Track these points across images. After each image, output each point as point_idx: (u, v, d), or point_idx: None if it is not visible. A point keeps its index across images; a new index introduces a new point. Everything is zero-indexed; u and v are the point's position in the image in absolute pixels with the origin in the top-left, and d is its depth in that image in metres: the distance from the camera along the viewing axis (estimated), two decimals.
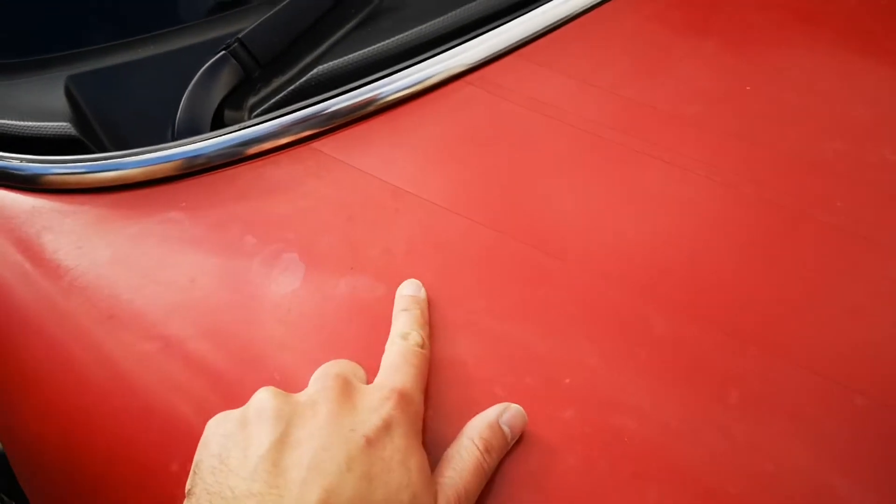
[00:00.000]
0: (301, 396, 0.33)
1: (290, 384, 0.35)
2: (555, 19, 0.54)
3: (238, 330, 0.40)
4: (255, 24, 0.53)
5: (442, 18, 0.54)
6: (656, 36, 0.52)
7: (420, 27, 0.53)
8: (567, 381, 0.37)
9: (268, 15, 0.54)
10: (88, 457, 0.38)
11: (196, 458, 0.32)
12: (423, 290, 0.41)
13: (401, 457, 0.31)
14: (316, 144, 0.49)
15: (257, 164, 0.48)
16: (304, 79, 0.52)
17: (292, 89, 0.52)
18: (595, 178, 0.46)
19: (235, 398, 0.37)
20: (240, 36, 0.52)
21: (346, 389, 0.33)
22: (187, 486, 0.31)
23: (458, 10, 0.55)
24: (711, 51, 0.51)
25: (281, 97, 0.52)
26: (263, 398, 0.32)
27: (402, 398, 0.33)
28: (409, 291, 0.40)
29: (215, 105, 0.51)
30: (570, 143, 0.47)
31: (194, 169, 0.47)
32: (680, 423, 0.36)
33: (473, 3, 0.55)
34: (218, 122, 0.52)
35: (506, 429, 0.35)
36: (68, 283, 0.42)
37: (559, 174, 0.46)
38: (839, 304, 0.39)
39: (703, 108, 0.48)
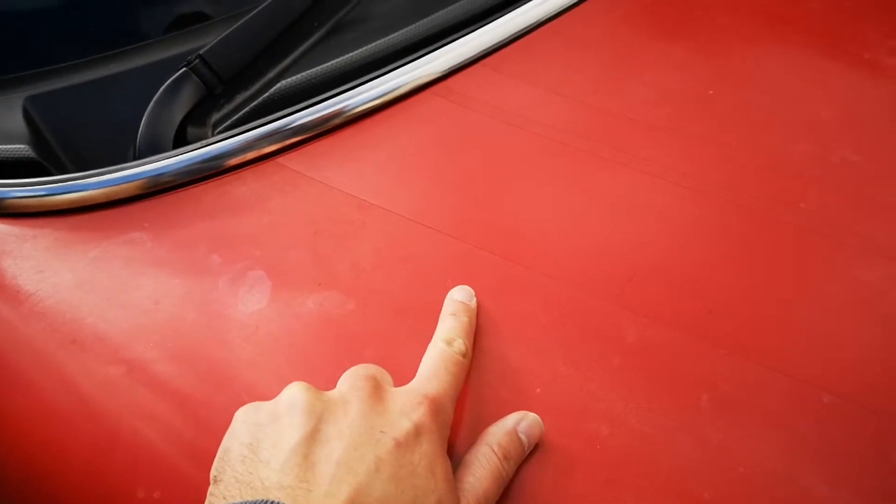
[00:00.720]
0: (332, 394, 0.33)
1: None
2: (520, 28, 0.54)
3: (204, 351, 0.39)
4: (217, 39, 0.53)
5: (406, 30, 0.54)
6: (622, 42, 0.53)
7: (383, 39, 0.53)
8: (538, 390, 0.37)
9: (230, 30, 0.53)
10: (51, 485, 0.37)
11: (224, 444, 0.31)
12: (474, 298, 0.40)
13: (428, 462, 0.31)
14: (281, 159, 0.48)
15: (221, 182, 0.47)
16: (267, 93, 0.52)
17: (256, 104, 0.52)
18: (563, 186, 0.45)
19: (202, 421, 0.37)
20: (201, 52, 0.51)
21: (377, 391, 0.33)
22: (213, 473, 0.31)
23: (423, 21, 0.55)
24: (679, 56, 0.51)
25: (244, 113, 0.52)
26: (295, 392, 0.32)
27: (434, 405, 0.33)
28: (460, 297, 0.40)
29: (177, 123, 0.50)
30: (537, 151, 0.47)
31: (157, 188, 0.47)
32: (653, 428, 0.36)
33: (437, 14, 0.55)
34: (181, 140, 0.51)
35: (523, 437, 0.35)
36: (29, 309, 0.41)
37: (527, 183, 0.46)
38: (805, 304, 0.39)
39: (671, 113, 0.48)
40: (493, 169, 0.47)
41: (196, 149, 0.48)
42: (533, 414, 0.36)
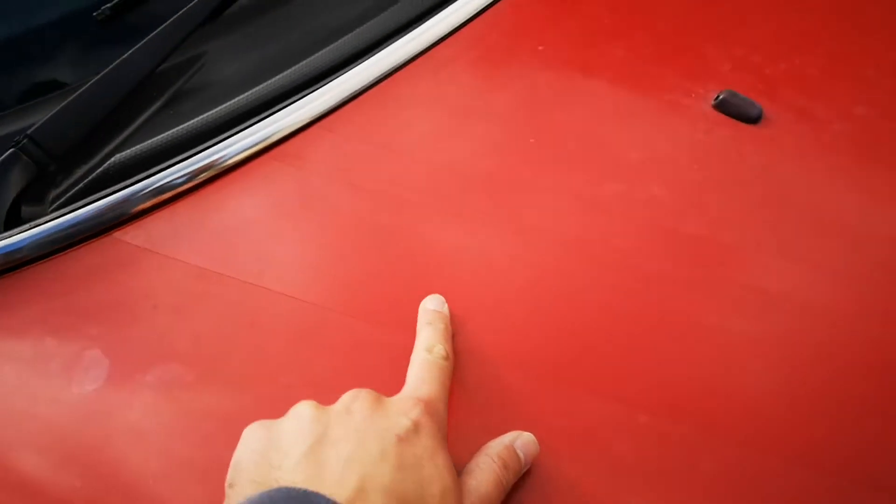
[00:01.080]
0: (336, 406, 0.35)
1: (95, 487, 0.34)
2: (354, 89, 0.56)
3: (36, 439, 0.38)
4: (48, 116, 0.52)
5: (242, 97, 0.55)
6: (449, 99, 0.55)
7: (219, 107, 0.54)
8: None
9: (60, 106, 0.53)
10: None
11: (235, 457, 0.33)
12: (446, 305, 0.43)
13: (429, 454, 0.33)
14: (117, 234, 0.48)
15: (56, 261, 0.47)
16: (101, 168, 0.52)
17: (91, 179, 0.51)
18: (398, 240, 0.47)
19: None
20: (29, 132, 0.50)
21: (376, 399, 0.36)
22: (227, 482, 0.33)
23: (259, 87, 0.56)
24: (502, 109, 0.54)
25: (79, 188, 0.51)
26: (301, 408, 0.35)
27: (428, 406, 0.36)
28: (432, 306, 0.43)
29: (7, 204, 0.49)
30: (372, 207, 0.49)
31: None
32: None
33: (273, 80, 0.56)
34: (16, 221, 0.50)
35: (520, 453, 0.37)
36: None
37: (366, 241, 0.48)
38: (619, 332, 0.43)
39: (496, 163, 0.51)
40: (331, 228, 0.48)
41: (27, 229, 0.47)
42: (528, 433, 0.38)
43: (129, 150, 0.52)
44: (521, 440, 0.38)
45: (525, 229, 0.47)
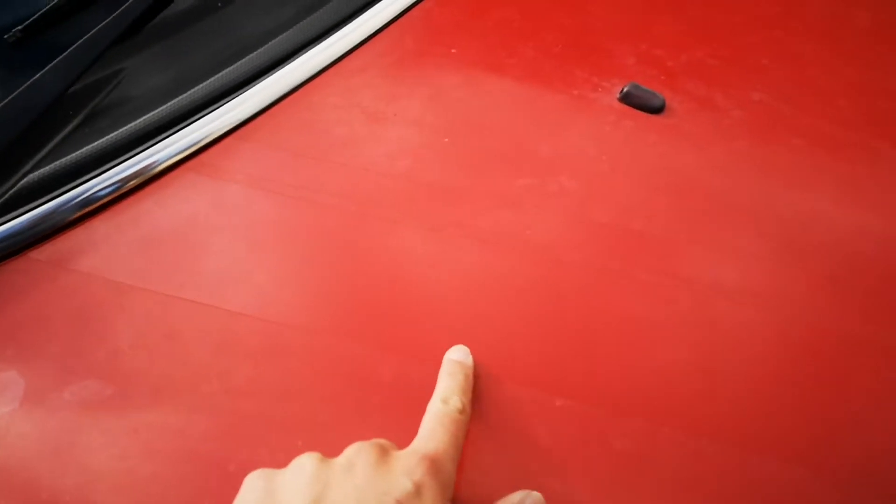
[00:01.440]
0: (339, 460, 0.35)
1: None
2: (269, 99, 0.56)
3: None
4: None
5: (154, 112, 0.55)
6: (365, 103, 0.56)
7: (130, 124, 0.54)
8: (300, 443, 0.39)
9: None
10: None
11: None
12: (470, 356, 0.42)
13: None
14: (32, 254, 0.48)
15: None
16: (15, 188, 0.51)
17: (4, 200, 0.51)
18: (317, 246, 0.48)
19: None
20: None
21: (381, 455, 0.35)
22: None
23: (173, 101, 0.56)
24: (416, 111, 0.55)
25: None
26: (304, 461, 0.34)
27: (433, 464, 0.35)
28: (456, 356, 0.42)
29: None
30: (291, 211, 0.50)
31: None
32: None
33: (188, 93, 0.57)
34: None
35: None
36: None
37: (284, 247, 0.48)
38: (531, 319, 0.44)
39: (411, 164, 0.52)
40: (250, 236, 0.49)
41: None
42: (537, 493, 0.37)
43: (42, 170, 0.52)
44: (529, 500, 0.37)
45: (442, 226, 0.48)
